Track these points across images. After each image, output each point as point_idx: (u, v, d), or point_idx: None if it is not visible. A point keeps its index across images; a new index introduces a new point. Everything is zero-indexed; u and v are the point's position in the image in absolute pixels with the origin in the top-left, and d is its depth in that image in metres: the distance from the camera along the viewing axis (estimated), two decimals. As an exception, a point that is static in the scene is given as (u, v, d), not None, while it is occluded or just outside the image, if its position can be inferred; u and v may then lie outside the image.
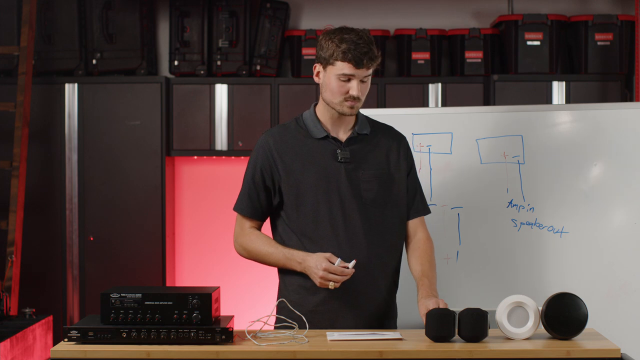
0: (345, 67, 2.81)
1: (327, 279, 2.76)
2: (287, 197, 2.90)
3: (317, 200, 2.87)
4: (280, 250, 2.88)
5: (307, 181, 2.88)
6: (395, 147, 2.98)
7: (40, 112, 5.18)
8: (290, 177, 2.89)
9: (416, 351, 2.52)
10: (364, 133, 2.95)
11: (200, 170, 5.50)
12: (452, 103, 5.15)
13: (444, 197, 3.46)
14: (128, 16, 5.27)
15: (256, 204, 2.93)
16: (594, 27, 5.17)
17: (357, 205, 2.89)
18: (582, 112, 3.48)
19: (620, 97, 5.12)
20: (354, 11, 5.52)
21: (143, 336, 2.54)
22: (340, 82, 2.83)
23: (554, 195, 3.43)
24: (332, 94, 2.86)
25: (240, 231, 2.98)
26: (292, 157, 2.90)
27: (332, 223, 2.87)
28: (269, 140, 2.94)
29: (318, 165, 2.89)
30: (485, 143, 3.46)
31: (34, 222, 5.11)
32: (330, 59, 2.83)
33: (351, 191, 2.89)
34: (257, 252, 2.93)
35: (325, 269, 2.75)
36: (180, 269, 5.46)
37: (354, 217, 2.88)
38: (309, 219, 2.88)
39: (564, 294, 2.63)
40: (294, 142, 2.92)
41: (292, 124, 2.97)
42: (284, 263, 2.88)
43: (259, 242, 2.92)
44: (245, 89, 5.25)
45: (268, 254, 2.90)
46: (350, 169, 2.90)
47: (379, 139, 2.97)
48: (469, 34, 5.27)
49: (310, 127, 2.93)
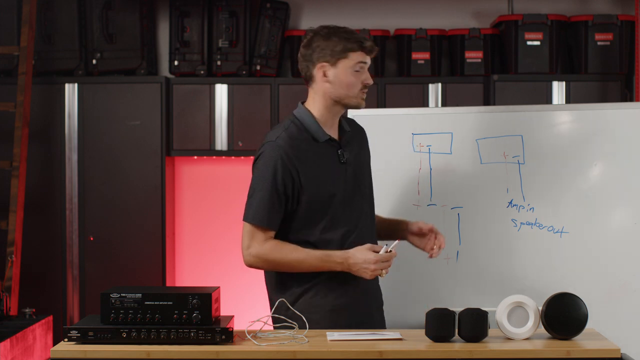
0: (360, 56, 2.85)
1: (380, 269, 2.78)
2: (306, 204, 2.85)
3: (335, 205, 2.87)
4: (313, 254, 2.82)
5: (327, 187, 2.86)
6: (364, 140, 3.05)
7: (40, 112, 5.18)
8: (311, 186, 2.84)
9: (416, 351, 2.52)
10: (348, 130, 2.98)
11: (200, 170, 5.50)
12: (452, 103, 5.15)
13: (444, 197, 3.46)
14: (128, 16, 5.27)
15: (275, 214, 2.83)
16: (594, 27, 5.17)
17: (363, 204, 2.94)
18: (582, 112, 3.48)
19: (620, 97, 5.12)
20: (354, 11, 5.52)
21: (143, 336, 2.54)
22: (356, 73, 2.85)
23: (554, 195, 3.43)
24: (349, 88, 2.86)
25: (255, 243, 2.84)
26: (309, 164, 2.85)
27: (347, 225, 2.89)
28: (284, 147, 2.84)
29: (331, 170, 2.88)
30: (485, 143, 3.46)
31: (34, 222, 5.11)
32: (344, 52, 2.83)
33: (356, 191, 2.92)
34: (283, 262, 2.83)
35: (377, 261, 2.76)
36: (180, 269, 5.46)
37: (363, 217, 2.92)
38: (326, 224, 2.87)
39: (564, 294, 2.63)
40: (306, 148, 2.87)
41: (294, 129, 2.89)
42: (319, 266, 2.83)
43: (284, 251, 2.83)
44: (245, 89, 5.25)
45: (299, 261, 2.82)
46: (351, 168, 2.92)
47: (355, 135, 3.01)
48: (469, 34, 5.27)
49: (313, 131, 2.88)
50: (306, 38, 2.89)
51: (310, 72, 2.89)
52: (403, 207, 3.45)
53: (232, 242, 5.41)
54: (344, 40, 2.84)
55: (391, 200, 3.45)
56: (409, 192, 3.43)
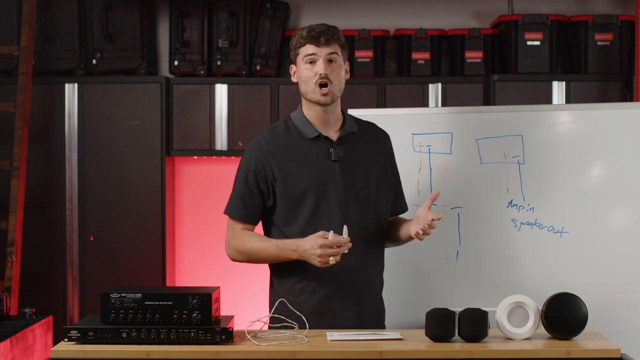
0: (308, 48, 2.90)
1: (326, 255, 2.73)
2: (282, 199, 2.89)
3: (314, 200, 2.87)
4: (273, 242, 2.87)
5: (303, 182, 2.88)
6: (381, 144, 3.03)
7: (40, 112, 5.18)
8: (286, 179, 2.88)
9: (416, 351, 2.52)
10: (353, 131, 2.97)
11: (200, 170, 5.50)
12: (452, 103, 5.15)
13: (444, 197, 3.46)
14: (128, 16, 5.27)
15: (250, 207, 2.92)
16: (594, 27, 5.17)
17: (353, 203, 2.91)
18: (582, 112, 3.48)
19: (620, 97, 5.12)
20: (354, 11, 5.52)
21: (143, 336, 2.54)
22: (308, 66, 2.90)
23: (554, 195, 3.43)
24: (305, 82, 2.92)
25: (232, 235, 2.94)
26: (286, 158, 2.90)
27: (329, 222, 2.87)
28: (261, 142, 2.93)
29: (313, 166, 2.89)
30: (485, 143, 3.46)
31: (34, 222, 5.11)
32: (296, 49, 2.93)
33: (346, 190, 2.90)
34: (250, 251, 2.90)
35: (322, 245, 2.73)
36: (180, 269, 5.46)
37: (350, 216, 2.89)
38: (306, 220, 2.87)
39: (564, 294, 2.63)
40: (287, 144, 2.92)
41: (282, 126, 2.98)
42: (278, 255, 2.86)
43: (251, 241, 2.90)
44: (245, 89, 5.24)
45: (261, 250, 2.88)
46: (344, 167, 2.91)
47: (367, 137, 3.01)
48: (469, 34, 5.27)
49: (301, 128, 2.94)
50: None
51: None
52: (403, 207, 3.44)
53: (232, 242, 5.41)
54: (296, 38, 2.93)
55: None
56: (409, 192, 3.43)
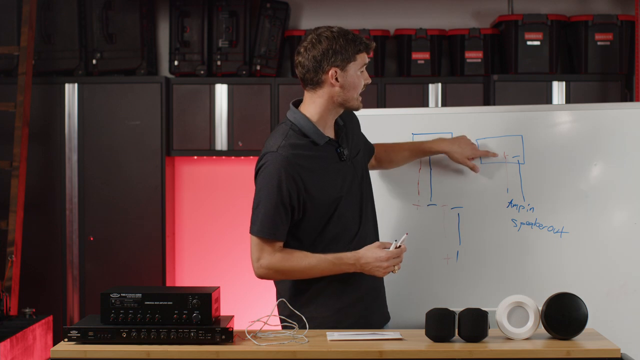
0: (366, 57, 2.87)
1: (392, 266, 2.79)
2: (313, 211, 2.84)
3: (341, 206, 2.87)
4: (324, 259, 2.82)
5: (330, 192, 2.85)
6: (354, 124, 3.04)
7: (40, 112, 5.18)
8: (316, 192, 2.83)
9: (416, 351, 2.52)
10: (342, 124, 2.97)
11: (200, 170, 5.50)
12: (452, 103, 5.15)
13: (444, 197, 3.46)
14: (128, 16, 5.27)
15: (279, 225, 2.81)
16: (594, 27, 5.17)
17: (365, 197, 2.94)
18: (582, 112, 3.47)
19: (620, 97, 5.12)
20: (354, 11, 5.52)
21: (143, 336, 2.54)
22: (361, 74, 2.87)
23: (554, 195, 3.43)
24: (355, 89, 2.87)
25: (265, 254, 2.83)
26: (310, 171, 2.83)
27: (352, 220, 2.90)
28: (287, 156, 2.80)
29: (333, 172, 2.87)
30: (485, 143, 3.46)
31: (34, 222, 5.11)
32: (352, 55, 2.83)
33: (359, 185, 2.93)
34: (295, 270, 2.83)
35: (388, 258, 2.78)
36: (180, 269, 5.46)
37: (364, 205, 2.93)
38: (334, 225, 2.87)
39: (564, 294, 2.63)
40: (307, 156, 2.84)
41: (293, 136, 2.85)
42: (331, 270, 2.82)
43: (295, 259, 2.82)
44: (245, 89, 5.25)
45: (310, 267, 2.82)
46: (350, 163, 2.92)
47: (347, 123, 2.99)
48: (469, 34, 5.27)
49: (312, 135, 2.85)
50: (309, 43, 2.83)
51: (318, 77, 2.83)
52: (403, 207, 3.44)
53: (232, 242, 5.42)
54: (352, 43, 2.82)
55: (391, 200, 3.45)
56: (409, 192, 3.42)
